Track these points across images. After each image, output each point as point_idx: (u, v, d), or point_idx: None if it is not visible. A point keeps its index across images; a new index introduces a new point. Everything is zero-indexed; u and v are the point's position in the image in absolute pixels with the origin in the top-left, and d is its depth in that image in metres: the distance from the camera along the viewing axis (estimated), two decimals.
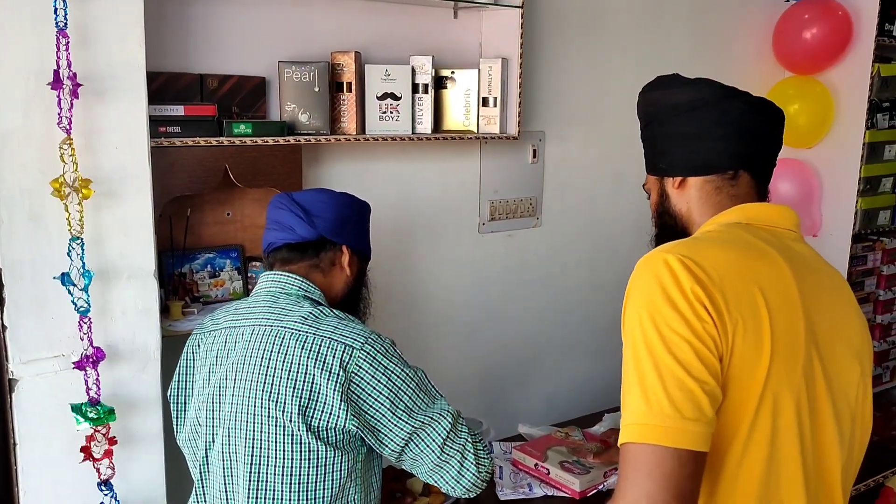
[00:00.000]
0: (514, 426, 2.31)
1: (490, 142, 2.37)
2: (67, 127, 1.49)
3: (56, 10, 1.45)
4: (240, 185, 1.83)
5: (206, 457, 1.47)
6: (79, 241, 1.53)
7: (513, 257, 2.53)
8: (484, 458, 1.47)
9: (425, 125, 2.12)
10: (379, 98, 2.05)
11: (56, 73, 1.45)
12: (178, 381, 1.54)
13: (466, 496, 1.47)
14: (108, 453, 1.60)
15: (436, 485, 1.46)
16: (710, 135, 1.24)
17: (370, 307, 1.70)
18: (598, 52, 2.59)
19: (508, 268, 2.53)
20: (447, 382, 2.44)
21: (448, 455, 1.43)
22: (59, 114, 1.47)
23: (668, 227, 1.32)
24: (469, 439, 1.45)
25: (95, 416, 1.56)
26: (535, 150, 2.50)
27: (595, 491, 1.88)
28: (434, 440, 1.42)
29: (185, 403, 1.53)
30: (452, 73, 2.20)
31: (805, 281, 1.13)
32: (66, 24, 1.46)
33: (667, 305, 1.03)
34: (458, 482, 1.44)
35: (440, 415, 1.44)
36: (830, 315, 1.16)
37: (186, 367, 1.54)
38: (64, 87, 1.46)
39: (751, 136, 1.24)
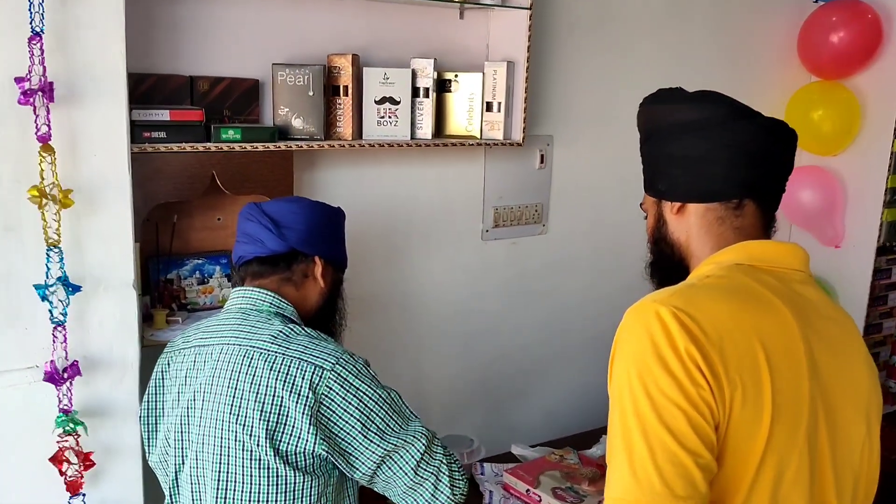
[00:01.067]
0: (512, 439, 2.25)
1: (496, 147, 2.29)
2: (47, 134, 1.45)
3: (32, 14, 1.40)
4: (226, 192, 1.78)
5: (177, 479, 1.43)
6: (57, 251, 1.49)
7: (516, 265, 2.46)
8: (459, 479, 1.42)
9: (425, 130, 2.05)
10: (377, 102, 1.98)
11: (23, 87, 1.40)
12: (149, 400, 1.50)
13: None
14: (84, 468, 1.57)
15: None
16: (716, 159, 1.13)
17: (346, 319, 1.63)
18: (611, 55, 2.49)
19: (511, 276, 2.46)
20: (443, 393, 2.40)
21: (422, 478, 1.38)
22: (35, 121, 1.43)
23: (665, 255, 1.23)
24: (444, 461, 1.40)
25: (66, 427, 1.53)
26: (543, 156, 2.42)
27: None
28: (407, 462, 1.37)
29: (156, 424, 1.48)
30: (456, 76, 2.12)
31: (811, 333, 1.04)
32: (42, 28, 1.41)
33: (658, 366, 0.94)
34: None
35: (414, 437, 1.38)
36: (838, 369, 1.07)
37: (156, 386, 1.49)
38: (37, 96, 1.41)
39: (760, 161, 1.13)
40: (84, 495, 1.59)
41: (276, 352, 1.35)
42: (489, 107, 2.14)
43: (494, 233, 2.38)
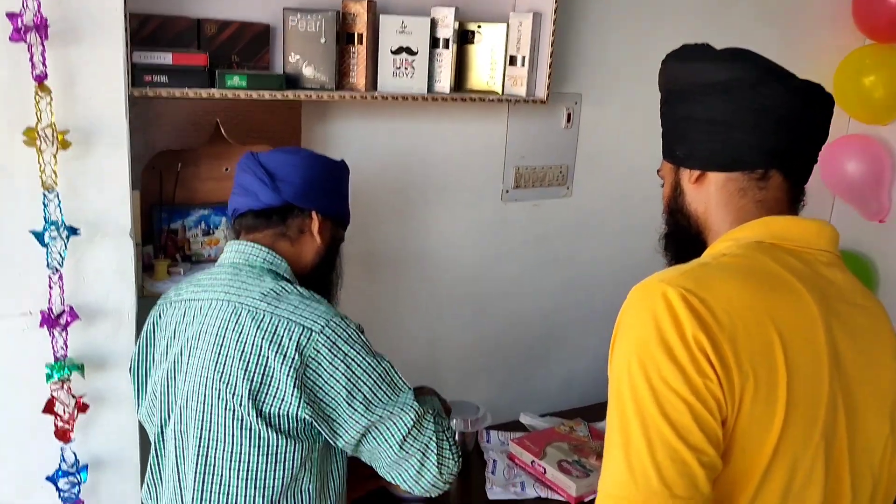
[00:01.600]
0: (525, 408, 2.19)
1: (519, 104, 2.19)
2: (43, 73, 1.40)
3: None
4: (231, 142, 1.72)
5: (162, 433, 1.40)
6: (54, 195, 1.45)
7: (538, 228, 2.36)
8: (448, 458, 1.35)
9: (443, 84, 1.96)
10: (393, 52, 1.89)
11: (16, 24, 1.34)
12: (139, 353, 1.46)
13: (426, 495, 1.37)
14: (74, 415, 1.55)
15: (394, 481, 1.36)
16: (741, 124, 1.02)
17: (342, 278, 1.57)
18: (648, 9, 2.35)
19: (532, 239, 2.37)
20: (456, 357, 2.34)
21: (407, 453, 1.32)
22: (31, 59, 1.38)
23: (682, 227, 1.12)
24: (433, 438, 1.34)
25: (61, 372, 1.50)
26: (570, 115, 2.30)
27: (592, 496, 1.74)
28: (393, 435, 1.31)
29: (145, 376, 1.45)
30: (479, 27, 2.02)
31: (835, 322, 0.94)
32: None
33: (662, 353, 0.85)
34: (416, 482, 1.34)
35: (402, 409, 1.32)
36: (863, 363, 0.97)
37: (147, 338, 1.45)
38: (31, 34, 1.36)
39: (790, 128, 1.01)
40: (73, 441, 1.57)
41: (264, 310, 1.30)
42: (512, 61, 2.03)
43: (515, 194, 2.29)
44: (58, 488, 1.58)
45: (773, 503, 0.88)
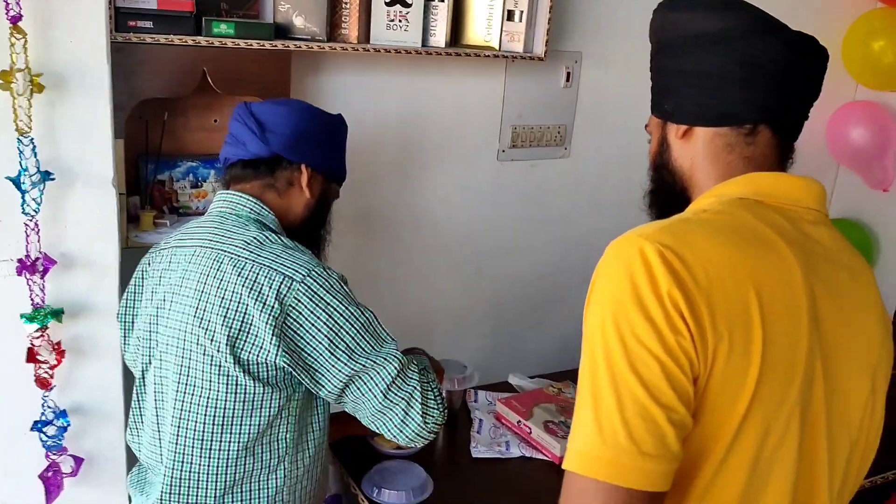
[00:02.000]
0: (519, 369, 2.17)
1: (517, 61, 2.14)
2: (17, 15, 1.36)
3: None
4: (218, 91, 1.68)
5: (143, 378, 1.42)
6: (28, 140, 1.43)
7: (535, 189, 2.33)
8: (433, 408, 1.34)
9: (438, 38, 1.91)
10: (387, 4, 1.84)
11: None
12: (127, 299, 1.46)
13: (410, 445, 1.36)
14: (57, 361, 1.54)
15: (378, 431, 1.35)
16: (730, 77, 0.98)
17: (331, 234, 1.55)
18: None
19: (529, 200, 2.33)
20: (450, 316, 2.32)
21: (391, 402, 1.31)
22: (5, 1, 1.34)
23: (666, 184, 1.08)
24: (418, 388, 1.32)
25: (36, 320, 1.50)
26: (569, 73, 2.26)
27: None
28: (377, 385, 1.30)
29: (132, 322, 1.45)
30: None
31: (817, 280, 0.91)
32: None
33: (636, 309, 0.82)
34: (400, 430, 1.32)
35: (386, 359, 1.31)
36: (843, 322, 0.94)
37: (135, 285, 1.45)
38: None
39: (782, 83, 0.98)
40: (54, 387, 1.57)
41: (246, 258, 1.29)
42: (510, 16, 1.98)
43: (512, 153, 2.25)
44: (41, 436, 1.58)
45: (745, 463, 0.86)
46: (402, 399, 1.32)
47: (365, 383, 1.31)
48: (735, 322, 0.84)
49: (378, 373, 1.30)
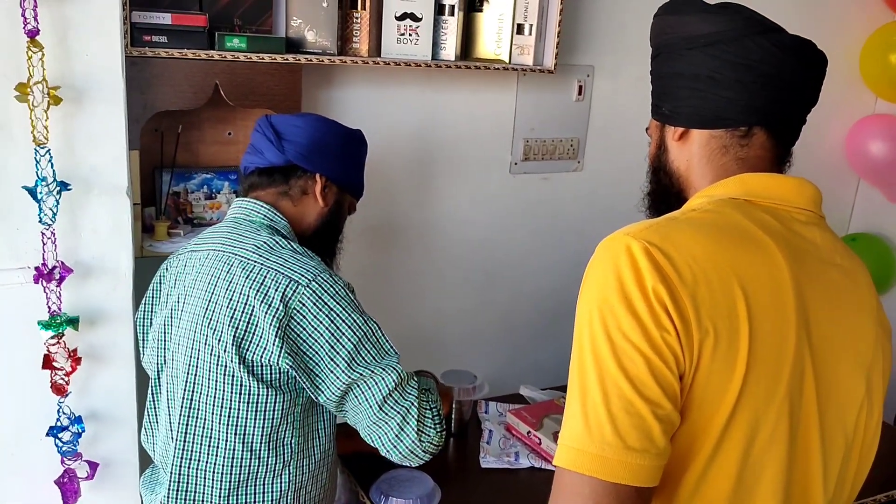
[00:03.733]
0: (528, 381, 2.17)
1: (529, 74, 2.16)
2: (35, 29, 1.41)
3: None
4: (231, 104, 1.72)
5: (158, 379, 1.46)
6: (45, 150, 1.47)
7: (547, 202, 2.34)
8: (430, 427, 1.35)
9: (448, 51, 1.94)
10: (398, 18, 1.88)
11: None
12: (146, 302, 1.52)
13: (405, 463, 1.37)
14: (73, 368, 1.57)
15: (374, 445, 1.36)
16: (724, 80, 0.99)
17: (342, 243, 1.59)
18: None
19: (541, 213, 2.34)
20: (460, 328, 2.33)
21: (387, 415, 1.32)
22: (22, 14, 1.39)
23: (663, 186, 1.10)
24: (415, 404, 1.33)
25: (53, 328, 1.53)
26: (581, 87, 2.27)
27: None
28: (374, 395, 1.31)
29: (149, 325, 1.50)
30: None
31: (806, 279, 0.92)
32: None
33: (622, 305, 0.84)
34: (394, 446, 1.33)
35: (385, 370, 1.31)
36: (837, 321, 0.94)
37: (154, 289, 1.51)
38: None
39: (776, 86, 0.98)
40: (69, 394, 1.59)
41: (255, 261, 1.33)
42: (520, 29, 2.01)
43: (524, 166, 2.27)
44: (57, 442, 1.61)
45: (734, 459, 0.86)
46: (398, 413, 1.32)
47: (363, 392, 1.31)
48: (720, 318, 0.84)
49: (376, 383, 1.31)
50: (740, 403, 0.85)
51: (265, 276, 1.30)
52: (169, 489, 1.36)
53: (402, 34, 1.89)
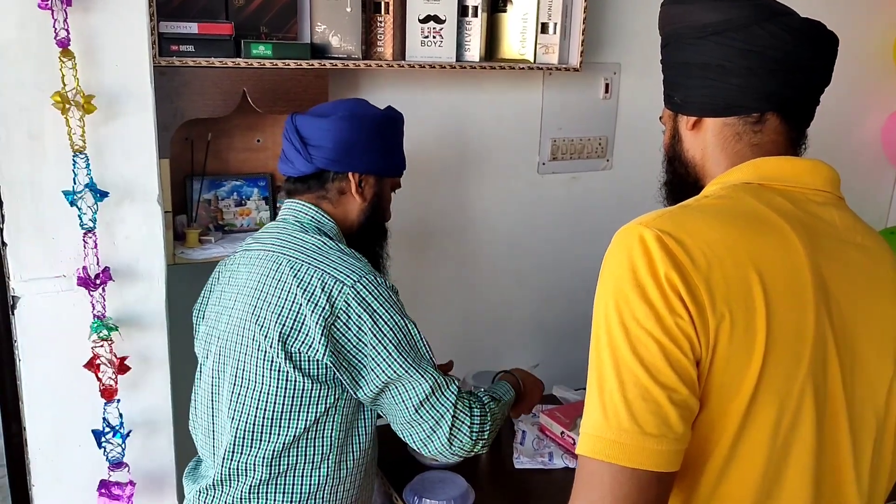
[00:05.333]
0: (566, 381, 2.15)
1: (555, 74, 2.15)
2: (66, 39, 1.44)
3: None
4: (259, 111, 1.74)
5: (201, 369, 1.52)
6: (83, 157, 1.50)
7: (576, 201, 2.33)
8: (463, 434, 1.36)
9: (473, 52, 1.94)
10: (421, 21, 1.89)
11: None
12: (202, 297, 1.59)
13: (435, 461, 1.40)
14: (118, 372, 1.60)
15: (404, 440, 1.40)
16: (734, 67, 0.99)
17: (388, 248, 1.62)
18: None
19: (571, 212, 2.33)
20: (493, 330, 2.32)
21: (421, 418, 1.35)
22: (53, 25, 1.42)
23: (680, 175, 1.11)
24: (450, 410, 1.35)
25: (102, 330, 1.56)
26: (608, 85, 2.26)
27: None
28: (412, 398, 1.34)
29: (202, 319, 1.57)
30: None
31: (824, 259, 0.91)
32: None
33: (636, 294, 0.84)
34: (424, 445, 1.37)
35: (422, 375, 1.35)
36: (858, 300, 0.93)
37: (210, 286, 1.57)
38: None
39: (787, 70, 0.98)
40: (119, 401, 1.62)
41: (302, 261, 1.37)
42: (544, 28, 2.00)
43: (552, 166, 2.26)
44: (101, 445, 1.63)
45: (759, 443, 0.86)
46: (432, 418, 1.35)
47: (400, 393, 1.35)
48: (736, 301, 0.84)
49: (413, 387, 1.34)
50: (761, 386, 0.84)
51: (312, 276, 1.34)
52: (214, 479, 1.41)
53: (426, 36, 1.89)
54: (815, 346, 0.87)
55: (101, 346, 1.58)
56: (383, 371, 1.33)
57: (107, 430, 1.63)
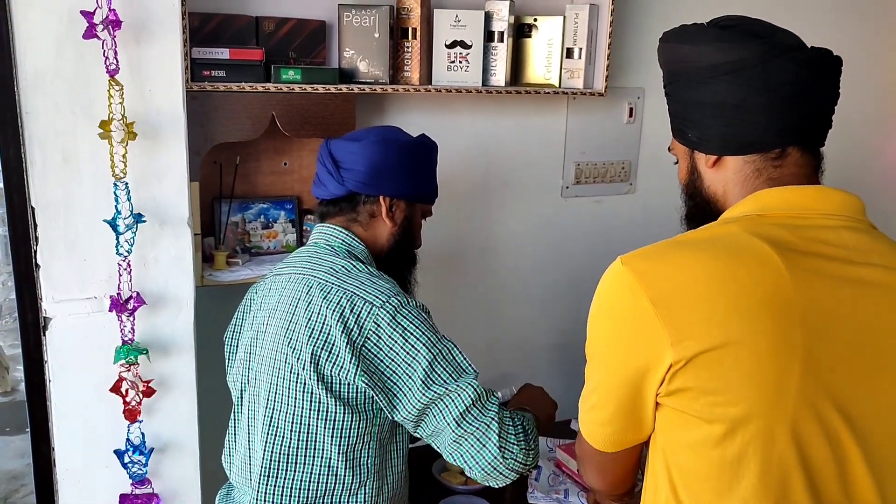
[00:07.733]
0: None
1: (579, 98, 2.16)
2: (116, 68, 1.46)
3: None
4: (287, 134, 1.76)
5: (241, 397, 1.51)
6: (124, 184, 1.51)
7: (600, 225, 2.33)
8: (514, 444, 1.34)
9: (499, 77, 1.95)
10: (448, 46, 1.90)
11: (90, 21, 1.41)
12: (235, 323, 1.58)
13: (488, 483, 1.37)
14: (144, 395, 1.61)
15: (458, 464, 1.37)
16: (753, 107, 1.01)
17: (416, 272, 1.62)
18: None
19: (594, 236, 2.33)
20: (517, 356, 2.32)
21: (465, 431, 1.32)
22: (104, 55, 1.44)
23: (702, 210, 1.12)
24: (496, 419, 1.33)
25: (128, 355, 1.57)
26: (632, 109, 2.26)
27: None
28: (451, 412, 1.32)
29: (236, 346, 1.56)
30: (535, 20, 2.01)
31: (822, 278, 0.93)
32: None
33: (611, 323, 1.02)
34: (476, 462, 1.33)
35: (461, 388, 1.32)
36: (870, 320, 0.94)
37: (243, 310, 1.57)
38: (100, 28, 1.42)
39: (803, 103, 1.00)
40: (142, 422, 1.63)
41: (332, 283, 1.38)
42: (569, 53, 2.01)
43: (576, 189, 2.26)
44: (125, 465, 1.64)
45: (747, 479, 0.93)
46: (477, 429, 1.32)
47: (440, 411, 1.33)
48: (709, 328, 0.91)
49: (452, 401, 1.32)
50: (740, 415, 0.91)
51: (341, 298, 1.35)
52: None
53: (453, 62, 1.91)
54: (804, 375, 0.90)
55: (128, 370, 1.59)
56: (419, 391, 1.31)
57: (129, 448, 1.64)
